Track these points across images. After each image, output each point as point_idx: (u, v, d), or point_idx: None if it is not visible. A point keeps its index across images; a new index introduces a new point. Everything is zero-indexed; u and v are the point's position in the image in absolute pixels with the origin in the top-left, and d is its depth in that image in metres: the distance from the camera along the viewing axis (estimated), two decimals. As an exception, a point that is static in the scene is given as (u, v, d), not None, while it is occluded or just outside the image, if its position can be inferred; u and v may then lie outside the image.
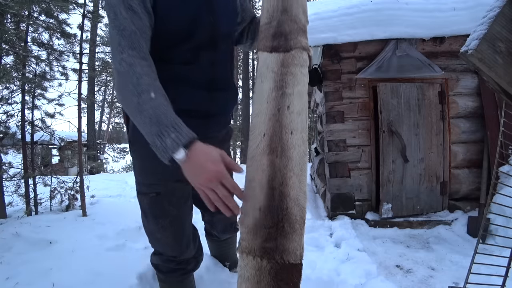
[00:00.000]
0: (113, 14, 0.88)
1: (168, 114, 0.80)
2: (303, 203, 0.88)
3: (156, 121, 0.78)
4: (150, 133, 0.79)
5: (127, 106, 0.83)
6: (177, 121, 0.80)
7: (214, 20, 1.06)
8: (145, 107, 0.79)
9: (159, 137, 0.77)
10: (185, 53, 1.03)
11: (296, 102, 0.92)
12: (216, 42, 1.09)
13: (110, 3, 0.90)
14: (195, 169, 0.78)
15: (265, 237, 0.84)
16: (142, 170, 1.18)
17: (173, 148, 0.76)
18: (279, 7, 1.02)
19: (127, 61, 0.84)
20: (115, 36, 0.87)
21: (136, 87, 0.81)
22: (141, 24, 0.91)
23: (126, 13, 0.88)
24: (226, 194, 0.78)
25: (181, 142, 0.76)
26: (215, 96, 1.13)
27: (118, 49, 0.86)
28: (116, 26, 0.88)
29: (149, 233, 1.29)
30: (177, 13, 0.98)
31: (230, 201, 0.79)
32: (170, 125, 0.78)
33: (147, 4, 0.93)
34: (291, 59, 0.96)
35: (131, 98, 0.81)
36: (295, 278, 0.85)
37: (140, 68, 0.84)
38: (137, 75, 0.82)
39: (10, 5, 3.04)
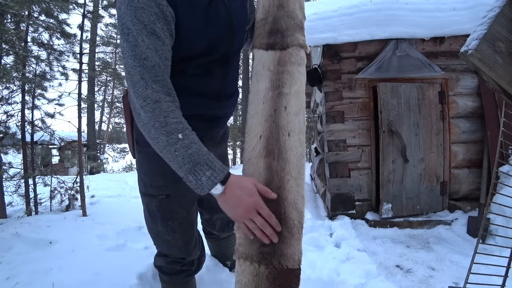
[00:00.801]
0: (133, 39, 0.81)
1: (200, 152, 0.81)
2: (301, 207, 0.86)
3: (189, 160, 0.79)
4: (182, 170, 0.80)
5: (154, 143, 0.82)
6: (210, 158, 0.81)
7: (232, 38, 1.03)
8: (176, 147, 0.79)
9: (193, 175, 0.79)
10: (200, 67, 1.02)
11: (293, 102, 0.90)
12: (229, 57, 1.08)
13: (127, 26, 0.81)
14: (232, 203, 0.81)
15: (262, 242, 0.82)
16: (151, 171, 1.16)
17: (208, 185, 0.79)
18: (275, 2, 0.98)
19: (152, 98, 0.80)
20: (136, 67, 0.81)
21: (164, 127, 0.80)
22: (165, 50, 0.85)
23: (149, 40, 0.81)
24: (263, 223, 0.81)
25: (217, 180, 0.79)
26: (223, 104, 1.13)
27: (141, 84, 0.81)
28: (137, 55, 0.81)
29: (155, 235, 1.27)
30: (201, 36, 0.94)
31: (267, 228, 0.81)
32: (204, 163, 0.79)
33: (172, 26, 0.87)
34: (288, 57, 0.93)
35: (160, 137, 0.80)
36: (294, 284, 0.83)
37: (166, 105, 0.81)
38: (164, 114, 0.80)
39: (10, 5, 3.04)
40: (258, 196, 0.81)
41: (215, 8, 0.96)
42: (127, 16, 0.81)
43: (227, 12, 0.99)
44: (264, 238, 0.82)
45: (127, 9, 0.81)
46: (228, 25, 1.00)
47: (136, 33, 0.81)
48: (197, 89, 1.03)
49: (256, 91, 0.93)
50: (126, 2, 0.81)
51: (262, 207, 0.81)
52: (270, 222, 0.82)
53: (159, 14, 0.83)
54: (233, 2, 1.02)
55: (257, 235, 0.81)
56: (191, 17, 0.91)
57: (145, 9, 0.81)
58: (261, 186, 0.84)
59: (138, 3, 0.81)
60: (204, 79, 1.04)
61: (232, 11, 1.01)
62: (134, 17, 0.81)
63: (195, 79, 1.02)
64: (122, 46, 0.84)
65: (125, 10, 0.82)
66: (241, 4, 1.08)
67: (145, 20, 0.81)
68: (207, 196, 0.83)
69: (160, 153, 0.83)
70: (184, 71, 0.99)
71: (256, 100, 0.93)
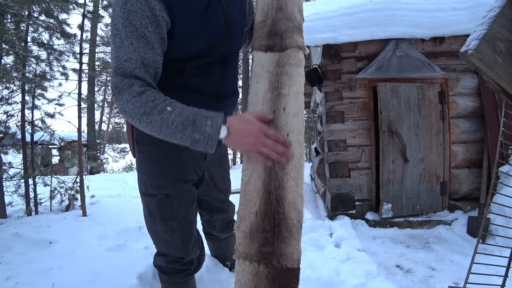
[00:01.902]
0: (119, 41, 0.83)
1: (193, 111, 0.83)
2: (300, 206, 0.86)
3: (188, 122, 0.81)
4: (186, 135, 0.82)
5: (152, 127, 0.84)
6: (202, 111, 0.84)
7: (230, 41, 1.05)
8: (172, 118, 0.81)
9: (197, 132, 0.81)
10: (198, 68, 1.03)
11: (292, 103, 0.91)
12: (227, 58, 1.10)
13: (117, 28, 0.83)
14: (240, 136, 0.84)
15: (261, 242, 0.83)
16: (150, 171, 1.16)
17: (214, 132, 0.81)
18: (274, 4, 0.99)
19: (137, 91, 0.83)
20: (117, 69, 0.83)
21: (154, 108, 0.82)
22: (153, 54, 0.87)
23: (138, 43, 0.83)
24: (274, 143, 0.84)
25: (219, 123, 0.82)
26: (223, 103, 1.15)
27: (125, 82, 0.83)
28: (119, 57, 0.83)
29: (154, 235, 1.28)
30: (198, 38, 0.96)
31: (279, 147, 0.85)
32: (201, 116, 0.82)
33: (163, 31, 0.88)
34: (287, 59, 0.94)
35: (154, 118, 0.82)
36: (293, 283, 0.83)
37: (150, 92, 0.84)
38: (151, 98, 0.83)
39: (10, 5, 3.04)
40: (259, 122, 0.85)
41: (212, 11, 0.97)
42: (119, 18, 0.83)
43: (225, 15, 1.00)
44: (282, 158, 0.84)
45: (120, 11, 0.82)
46: (226, 28, 1.01)
47: (125, 35, 0.83)
48: (196, 88, 1.05)
49: (255, 92, 0.94)
50: (120, 5, 0.82)
51: (267, 129, 0.85)
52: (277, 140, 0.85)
53: (151, 18, 0.84)
54: (232, 5, 1.03)
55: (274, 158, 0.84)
56: (188, 20, 0.92)
57: (137, 12, 0.82)
58: (257, 114, 0.88)
59: (132, 7, 0.82)
60: (202, 79, 1.05)
61: (230, 14, 1.02)
62: (126, 20, 0.82)
63: (194, 79, 1.04)
64: (111, 46, 0.86)
65: (118, 12, 0.83)
66: (240, 6, 1.09)
67: (136, 23, 0.82)
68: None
69: (162, 135, 0.84)
70: (183, 71, 1.00)
71: (255, 101, 0.94)
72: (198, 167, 1.23)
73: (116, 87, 0.84)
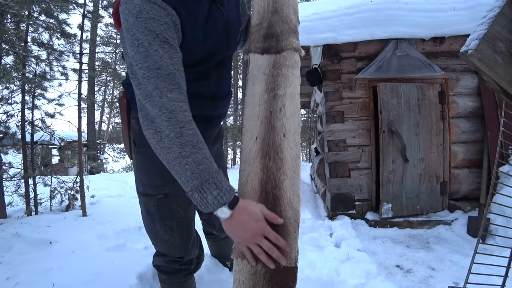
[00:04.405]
0: (144, 50, 0.80)
1: (210, 169, 0.79)
2: (297, 206, 0.87)
3: (198, 176, 0.78)
4: (188, 185, 0.79)
5: (165, 153, 0.80)
6: (219, 177, 0.80)
7: (228, 46, 1.07)
8: (188, 160, 0.78)
9: (199, 192, 0.78)
10: (198, 73, 1.05)
11: (288, 104, 0.92)
12: (222, 61, 1.12)
13: (137, 37, 0.80)
14: (238, 227, 0.80)
15: None
16: (149, 171, 1.16)
17: (214, 205, 0.78)
18: (269, 8, 1.01)
19: (168, 108, 0.79)
20: (149, 78, 0.79)
21: (179, 137, 0.78)
22: (178, 58, 0.85)
23: (163, 50, 0.81)
24: (270, 246, 0.80)
25: (223, 201, 0.78)
26: (218, 104, 1.16)
27: (155, 93, 0.79)
28: (150, 66, 0.79)
29: (153, 235, 1.28)
30: (200, 46, 0.97)
31: (274, 252, 0.81)
32: (212, 182, 0.78)
33: (180, 34, 0.88)
34: (283, 61, 0.96)
35: (172, 148, 0.78)
36: (291, 282, 0.84)
37: (183, 115, 0.80)
38: (180, 124, 0.79)
39: (10, 5, 3.04)
40: (264, 221, 0.81)
41: (213, 20, 0.98)
42: (137, 28, 0.81)
43: (225, 22, 1.02)
44: (270, 263, 0.81)
45: (136, 20, 0.81)
46: (225, 34, 1.03)
47: (148, 43, 0.80)
48: (194, 92, 1.05)
49: (251, 93, 0.96)
50: (135, 14, 0.81)
51: (268, 232, 0.80)
52: (278, 244, 0.81)
53: (169, 23, 0.84)
54: (230, 12, 1.05)
55: (262, 259, 0.81)
56: (193, 30, 0.93)
57: (155, 19, 0.81)
58: (267, 211, 0.83)
59: (148, 14, 0.81)
60: (201, 82, 1.07)
61: (229, 20, 1.04)
62: (145, 28, 0.80)
63: (193, 83, 1.05)
64: (132, 57, 0.82)
65: (134, 22, 0.81)
66: (236, 11, 1.11)
67: (156, 29, 0.81)
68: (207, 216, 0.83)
69: (167, 164, 0.81)
70: None
71: (252, 103, 0.95)
72: None
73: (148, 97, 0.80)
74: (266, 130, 0.90)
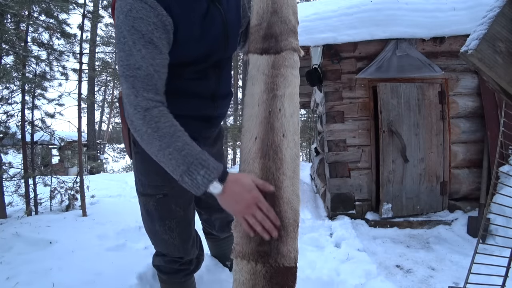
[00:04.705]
0: (128, 48, 0.82)
1: (193, 152, 0.81)
2: (297, 205, 0.87)
3: (183, 161, 0.80)
4: (177, 172, 0.81)
5: (148, 148, 0.83)
6: (203, 157, 0.82)
7: (226, 46, 1.07)
8: (169, 150, 0.80)
9: (188, 175, 0.80)
10: (196, 72, 1.05)
11: (287, 104, 0.92)
12: (222, 62, 1.12)
13: (124, 35, 0.82)
14: (232, 200, 0.83)
15: (259, 241, 0.84)
16: (148, 171, 1.17)
17: (204, 184, 0.80)
18: (269, 8, 1.01)
19: (143, 106, 0.81)
20: (128, 77, 0.82)
21: (156, 131, 0.81)
22: (162, 59, 0.86)
23: (146, 50, 0.82)
24: (263, 217, 0.82)
25: (212, 177, 0.80)
26: (218, 104, 1.16)
27: (131, 92, 0.82)
28: (130, 65, 0.82)
29: (153, 235, 1.28)
30: (197, 44, 0.97)
31: (266, 222, 0.82)
32: (198, 163, 0.80)
33: (170, 35, 0.88)
34: (282, 61, 0.96)
35: (153, 142, 0.81)
36: (291, 282, 0.84)
37: (157, 111, 0.83)
38: (155, 119, 0.82)
39: (10, 5, 3.04)
40: (257, 191, 0.83)
41: (211, 19, 0.98)
42: (125, 26, 0.82)
43: (223, 22, 1.02)
44: (264, 234, 0.83)
45: (125, 18, 0.82)
46: (223, 34, 1.03)
47: (132, 42, 0.82)
48: (193, 91, 1.06)
49: (251, 94, 0.96)
50: (125, 12, 0.82)
51: (261, 201, 0.83)
52: (269, 215, 0.83)
53: (157, 24, 0.84)
54: (229, 12, 1.05)
55: (257, 230, 0.82)
56: (189, 27, 0.93)
57: (143, 19, 0.82)
58: (259, 181, 0.85)
59: (137, 14, 0.82)
60: (200, 82, 1.07)
61: (228, 21, 1.03)
62: (132, 27, 0.82)
63: (192, 82, 1.06)
64: (118, 54, 0.85)
65: (123, 20, 0.82)
66: (236, 12, 1.11)
67: (143, 29, 0.82)
68: (204, 196, 0.84)
69: (155, 158, 0.84)
70: (181, 75, 1.02)
71: (251, 103, 0.96)
72: None
73: (126, 95, 0.83)
74: (265, 130, 0.91)
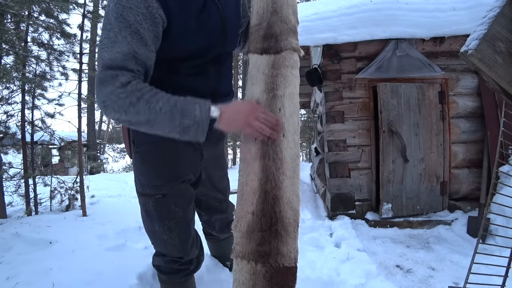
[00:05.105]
0: (113, 35, 0.83)
1: (179, 98, 0.84)
2: (297, 205, 0.87)
3: (176, 109, 0.82)
4: (176, 123, 0.82)
5: (140, 118, 0.83)
6: (189, 98, 0.86)
7: (224, 41, 1.07)
8: (159, 106, 0.82)
9: (187, 117, 0.82)
10: (194, 68, 1.05)
11: (287, 104, 0.92)
12: (221, 57, 1.12)
13: (111, 22, 0.83)
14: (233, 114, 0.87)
15: (259, 241, 0.84)
16: (147, 171, 1.17)
17: (204, 115, 0.83)
18: (269, 8, 1.01)
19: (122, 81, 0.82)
20: (107, 60, 0.82)
21: (141, 98, 0.82)
22: (146, 50, 0.87)
23: (131, 38, 0.83)
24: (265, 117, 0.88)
25: (207, 106, 0.84)
26: (218, 102, 1.15)
27: (109, 73, 0.82)
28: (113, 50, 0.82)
29: (152, 235, 1.28)
30: (194, 36, 0.97)
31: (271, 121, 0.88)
32: (189, 103, 0.84)
33: (159, 29, 0.88)
34: (282, 61, 0.96)
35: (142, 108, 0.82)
36: (290, 282, 0.84)
37: (136, 82, 0.84)
38: (137, 88, 0.83)
39: (10, 5, 3.04)
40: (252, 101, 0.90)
41: (208, 12, 0.98)
42: (113, 13, 0.83)
43: (221, 17, 1.02)
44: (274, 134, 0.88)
45: (115, 6, 0.83)
46: (221, 28, 1.03)
47: (118, 29, 0.83)
48: (191, 87, 1.05)
49: (251, 94, 0.96)
50: (115, 1, 0.83)
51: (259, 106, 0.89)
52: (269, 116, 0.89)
53: (146, 15, 0.84)
54: (227, 8, 1.05)
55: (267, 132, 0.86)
56: (185, 19, 0.93)
57: (132, 9, 0.83)
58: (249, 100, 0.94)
59: (127, 3, 0.82)
60: (198, 78, 1.07)
61: (226, 16, 1.03)
62: (120, 15, 0.82)
63: (190, 78, 1.05)
64: (101, 41, 0.85)
65: (112, 8, 0.83)
66: (235, 9, 1.11)
67: (131, 19, 0.83)
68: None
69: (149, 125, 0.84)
70: (178, 71, 1.02)
71: None
72: (195, 167, 1.23)
73: (99, 79, 0.83)
74: None
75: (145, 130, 0.85)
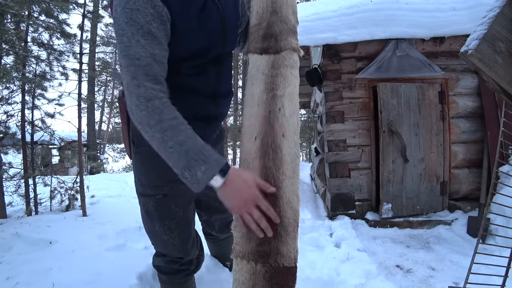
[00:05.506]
0: (127, 40, 0.82)
1: (195, 147, 0.81)
2: (296, 205, 0.87)
3: (184, 156, 0.80)
4: (178, 167, 0.81)
5: (151, 141, 0.83)
6: (205, 152, 0.81)
7: (225, 41, 1.07)
8: (171, 144, 0.80)
9: (188, 171, 0.80)
10: (194, 68, 1.04)
11: (287, 104, 0.92)
12: (221, 58, 1.12)
13: (122, 28, 0.83)
14: (232, 193, 0.82)
15: (258, 241, 0.84)
16: (147, 172, 1.17)
17: (204, 180, 0.80)
18: (268, 8, 1.01)
19: (146, 96, 0.81)
20: (129, 67, 0.82)
21: (159, 123, 0.81)
22: (161, 49, 0.86)
23: (145, 41, 0.82)
24: (260, 216, 0.82)
25: (212, 174, 0.80)
26: (218, 103, 1.16)
27: (134, 83, 0.82)
28: (130, 55, 0.82)
29: (152, 235, 1.28)
30: (196, 35, 0.97)
31: (262, 222, 0.82)
32: (199, 159, 0.80)
33: (167, 26, 0.88)
34: (282, 61, 0.96)
35: (155, 135, 0.81)
36: (290, 282, 0.84)
37: (160, 102, 0.82)
38: (158, 111, 0.81)
39: (10, 5, 3.04)
40: (257, 189, 0.83)
41: (208, 13, 0.98)
42: (122, 18, 0.83)
43: (221, 17, 1.02)
44: (259, 232, 0.82)
45: (122, 11, 0.83)
46: (221, 28, 1.03)
47: (131, 33, 0.82)
48: (192, 87, 1.06)
49: (251, 94, 0.96)
50: (122, 5, 0.83)
51: (260, 200, 0.82)
52: (268, 214, 0.83)
53: (154, 15, 0.85)
54: (227, 7, 1.05)
55: (252, 228, 0.82)
56: (186, 18, 0.93)
57: (140, 10, 0.82)
58: (260, 180, 0.85)
59: (134, 5, 0.82)
60: (198, 78, 1.07)
61: (226, 16, 1.04)
62: (130, 19, 0.82)
63: (190, 78, 1.05)
64: (118, 47, 0.85)
65: (120, 12, 0.83)
66: (234, 8, 1.11)
67: (141, 21, 0.83)
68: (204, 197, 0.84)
69: (158, 151, 0.84)
70: (179, 70, 1.01)
71: (251, 103, 0.96)
72: None
73: (127, 86, 0.83)
74: (265, 130, 0.90)
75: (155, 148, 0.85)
